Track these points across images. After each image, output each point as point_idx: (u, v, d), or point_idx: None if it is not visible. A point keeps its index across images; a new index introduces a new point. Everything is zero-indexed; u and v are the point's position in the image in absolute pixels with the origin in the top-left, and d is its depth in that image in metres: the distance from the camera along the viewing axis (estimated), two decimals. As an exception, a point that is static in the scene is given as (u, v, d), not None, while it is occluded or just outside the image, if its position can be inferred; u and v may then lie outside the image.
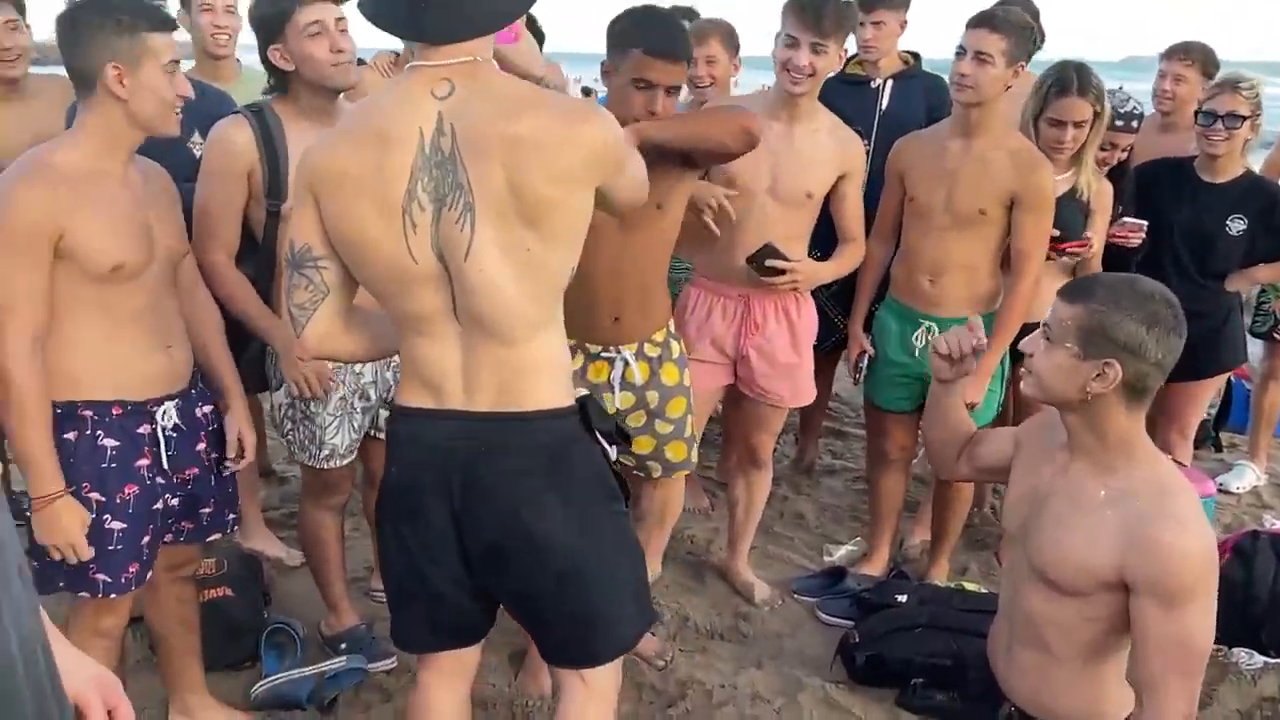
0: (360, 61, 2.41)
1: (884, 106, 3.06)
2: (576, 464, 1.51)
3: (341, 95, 2.18)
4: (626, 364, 2.20)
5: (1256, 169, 3.36)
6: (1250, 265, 3.05)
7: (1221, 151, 2.93)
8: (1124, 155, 2.87)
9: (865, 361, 2.82)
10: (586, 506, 1.52)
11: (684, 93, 3.74)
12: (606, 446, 1.54)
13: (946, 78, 2.68)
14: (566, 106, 1.46)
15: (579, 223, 1.43)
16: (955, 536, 2.96)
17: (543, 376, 1.48)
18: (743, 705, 2.41)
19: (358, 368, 2.28)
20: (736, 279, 2.53)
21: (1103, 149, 2.78)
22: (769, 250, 2.43)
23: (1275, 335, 3.54)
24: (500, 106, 1.38)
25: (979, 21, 2.46)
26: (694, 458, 2.44)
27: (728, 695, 2.46)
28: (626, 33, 2.01)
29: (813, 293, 2.66)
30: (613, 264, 2.09)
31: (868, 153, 2.83)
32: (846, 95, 2.96)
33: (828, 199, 2.56)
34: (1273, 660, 2.55)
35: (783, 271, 2.43)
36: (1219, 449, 4.07)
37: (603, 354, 2.20)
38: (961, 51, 2.47)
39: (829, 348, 3.12)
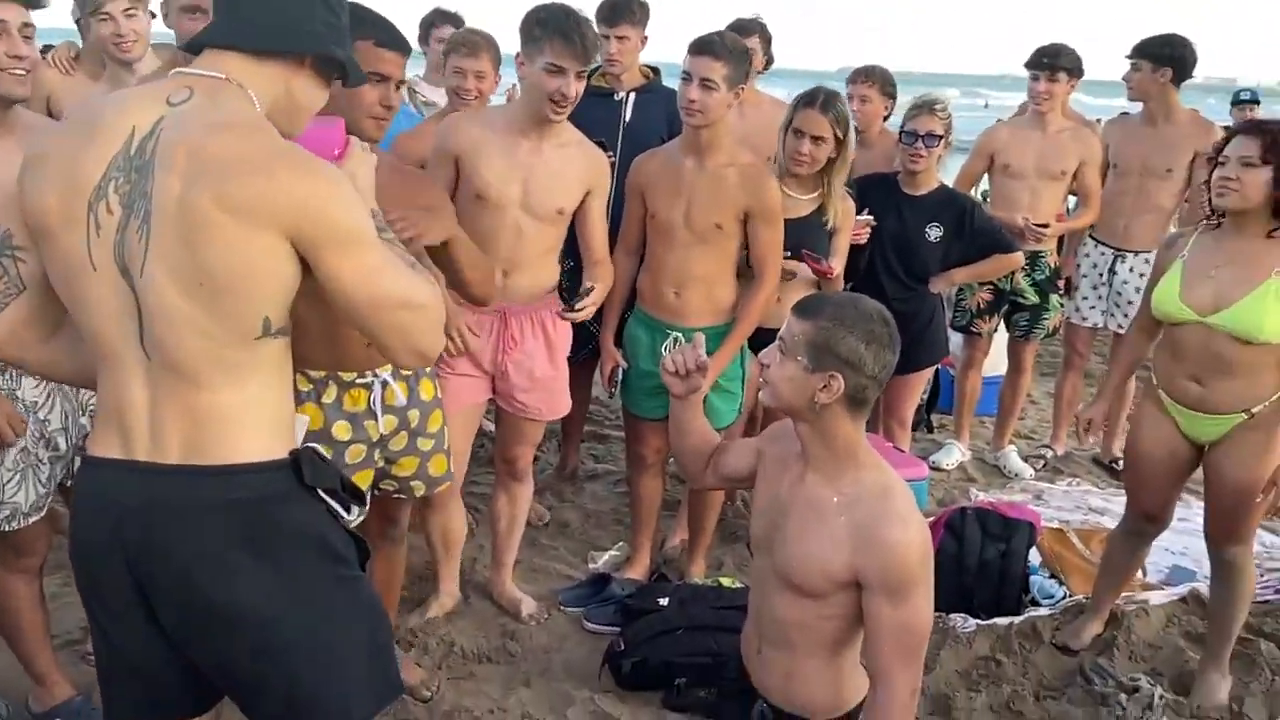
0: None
1: (627, 119, 3.15)
2: (283, 524, 1.35)
3: (19, 105, 1.91)
4: (386, 384, 2.09)
5: (952, 178, 3.79)
6: (948, 269, 3.42)
7: (921, 168, 3.28)
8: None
9: (620, 374, 2.88)
10: (298, 572, 1.36)
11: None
12: (335, 506, 1.40)
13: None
14: (288, 148, 1.30)
15: (258, 273, 1.27)
16: (710, 534, 3.10)
17: (243, 426, 1.33)
18: (512, 728, 2.38)
19: (42, 413, 2.03)
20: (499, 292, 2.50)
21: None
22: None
23: (972, 329, 4.01)
24: (211, 122, 1.28)
25: (700, 49, 2.57)
26: (452, 470, 2.38)
27: (497, 720, 2.42)
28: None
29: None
30: None
31: (613, 165, 2.89)
32: (590, 107, 2.99)
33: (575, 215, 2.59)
34: (984, 622, 2.88)
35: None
36: (930, 430, 4.56)
37: (358, 380, 2.08)
38: (687, 77, 2.57)
39: (584, 357, 3.16)
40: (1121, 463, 4.14)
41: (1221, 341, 2.35)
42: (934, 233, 3.33)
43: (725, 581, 2.95)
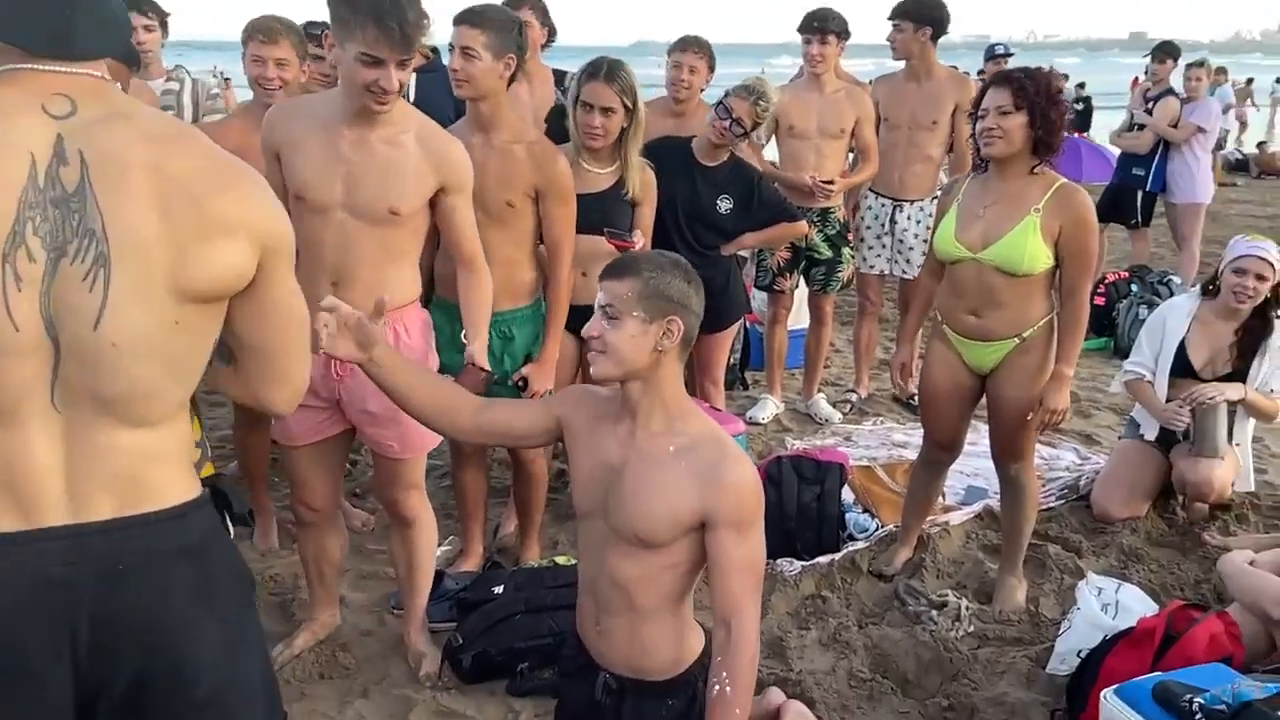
0: None
1: (410, 101, 3.03)
2: (218, 562, 1.27)
3: None
4: None
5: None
6: (738, 234, 3.53)
7: (722, 145, 3.33)
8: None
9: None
10: (234, 612, 1.28)
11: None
12: (232, 528, 1.34)
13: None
14: (228, 155, 1.24)
15: (235, 287, 1.21)
16: (539, 516, 3.08)
17: (174, 463, 1.23)
18: (354, 743, 2.29)
19: None
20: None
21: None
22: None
23: (774, 287, 4.17)
24: (149, 133, 1.14)
25: (460, 18, 2.51)
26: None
27: (336, 737, 2.32)
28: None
29: None
30: None
31: None
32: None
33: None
34: (807, 562, 3.04)
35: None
36: (746, 387, 4.73)
37: None
38: (451, 48, 2.53)
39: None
40: (917, 399, 4.49)
41: (991, 275, 2.56)
42: (724, 205, 3.41)
43: (561, 560, 2.95)
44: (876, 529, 3.23)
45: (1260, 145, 14.89)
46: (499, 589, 2.68)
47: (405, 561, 2.57)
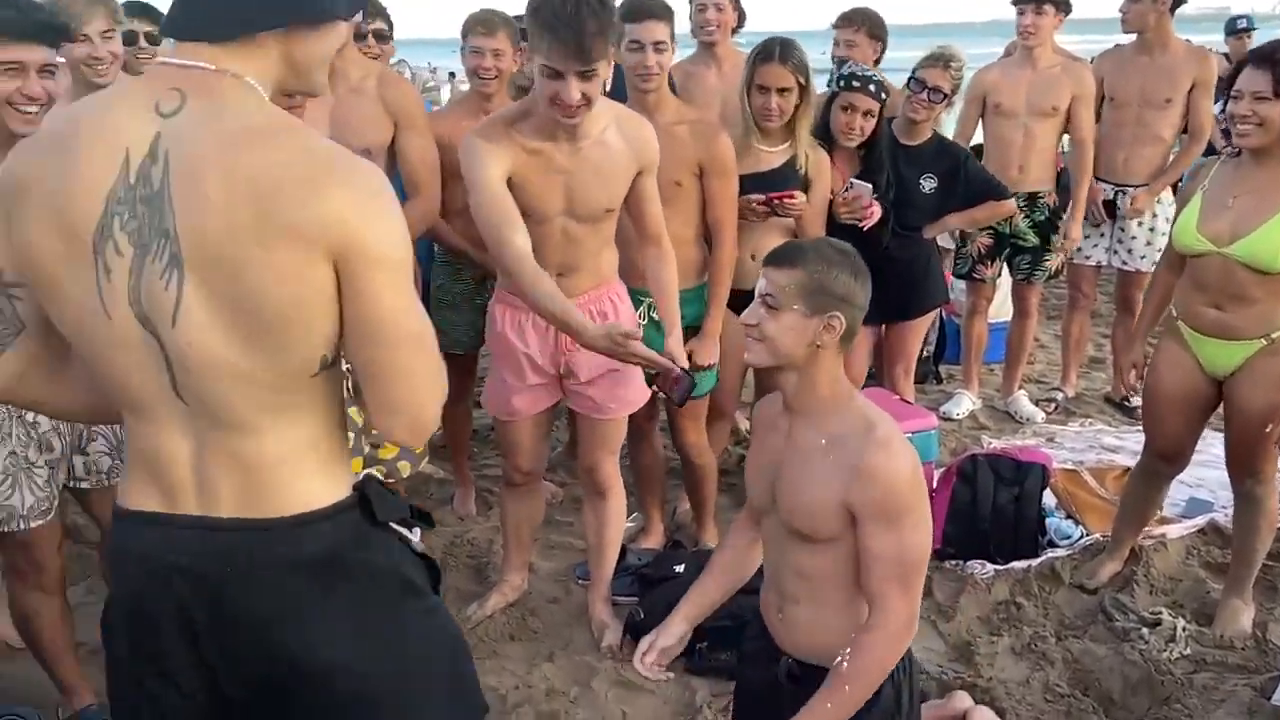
0: None
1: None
2: (362, 570, 1.24)
3: None
4: None
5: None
6: (942, 216, 3.38)
7: (922, 119, 3.22)
8: (868, 122, 2.96)
9: None
10: (382, 619, 1.26)
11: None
12: (404, 534, 1.33)
13: None
14: (328, 154, 1.12)
15: (314, 305, 1.11)
16: (713, 499, 3.09)
17: (301, 471, 1.19)
18: (538, 702, 2.40)
19: (30, 416, 2.01)
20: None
21: (844, 110, 2.94)
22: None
23: (974, 275, 3.97)
24: (231, 132, 1.09)
25: (645, 14, 2.55)
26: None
27: (522, 696, 2.44)
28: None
29: None
30: None
31: None
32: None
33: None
34: (1002, 567, 2.88)
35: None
36: (940, 381, 4.54)
37: None
38: (638, 45, 2.53)
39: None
40: (1134, 400, 4.14)
41: (1239, 271, 2.31)
42: (928, 184, 3.28)
43: (740, 544, 2.94)
44: (1081, 537, 3.02)
45: None
46: (680, 568, 2.71)
47: (596, 531, 2.68)
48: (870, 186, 2.95)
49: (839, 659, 1.60)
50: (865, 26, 3.58)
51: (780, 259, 1.63)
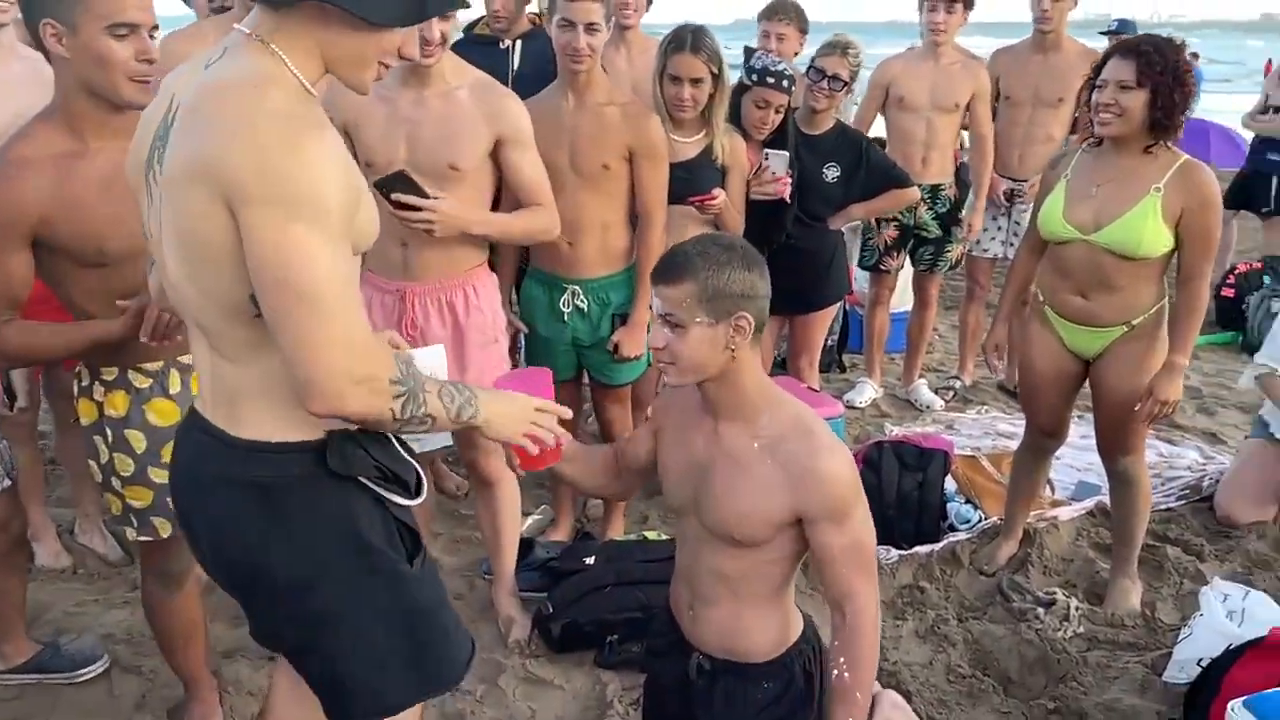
0: None
1: (515, 68, 3.03)
2: (305, 509, 1.34)
3: None
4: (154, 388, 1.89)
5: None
6: (846, 206, 3.42)
7: (823, 107, 3.24)
8: (779, 116, 2.96)
9: (520, 341, 2.78)
10: (326, 559, 1.36)
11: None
12: (383, 493, 1.37)
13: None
14: (268, 113, 1.16)
15: (231, 246, 1.17)
16: None
17: (266, 403, 1.31)
18: (443, 703, 2.31)
19: None
20: (393, 268, 2.33)
21: (758, 106, 2.93)
22: (401, 178, 2.09)
23: (880, 266, 4.03)
24: (210, 82, 1.22)
25: None
26: None
27: (426, 697, 2.35)
28: None
29: None
30: None
31: None
32: (477, 57, 2.86)
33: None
34: (906, 552, 2.93)
35: (415, 208, 2.13)
36: (843, 370, 4.61)
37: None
38: (569, 24, 2.46)
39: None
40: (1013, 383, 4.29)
41: (1104, 258, 2.40)
42: (831, 173, 3.31)
43: (651, 535, 2.92)
44: (979, 521, 3.10)
45: None
46: (590, 560, 2.66)
47: (490, 523, 2.60)
48: (786, 155, 2.95)
49: (837, 672, 1.58)
50: (794, 19, 3.58)
51: (668, 274, 1.55)
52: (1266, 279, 5.15)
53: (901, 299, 4.42)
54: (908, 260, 4.11)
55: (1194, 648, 2.31)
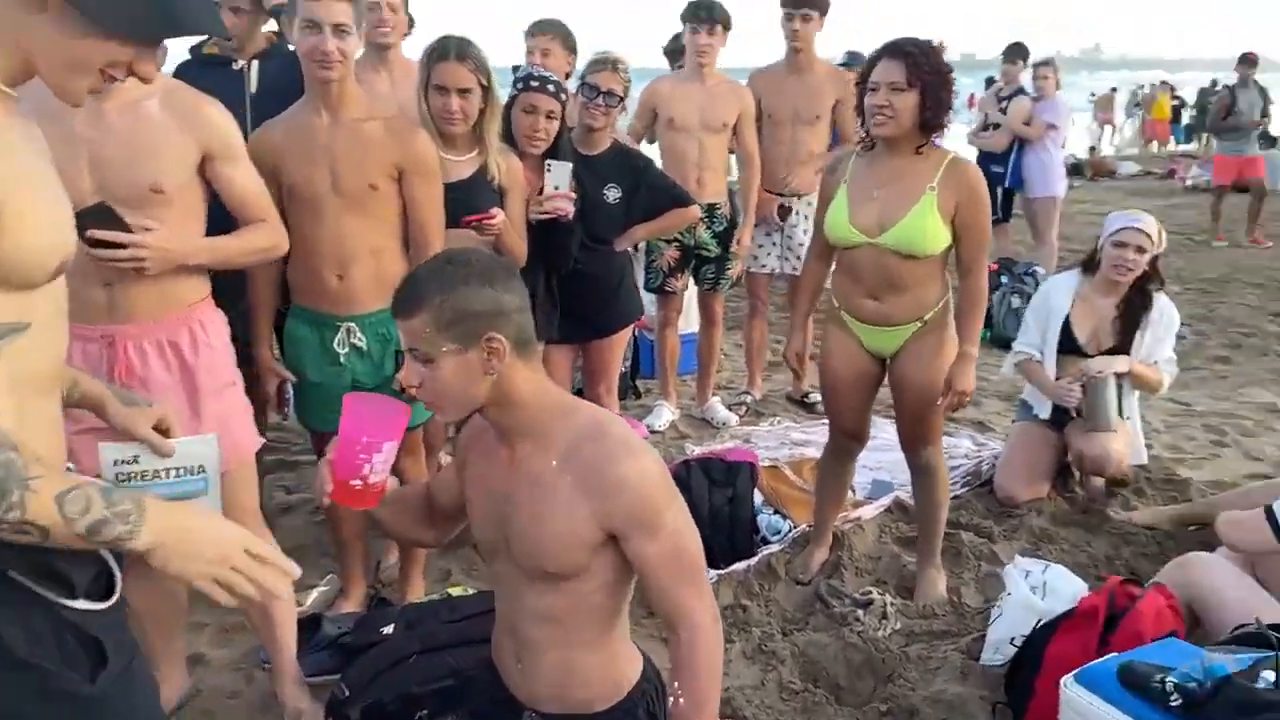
0: None
1: (252, 90, 2.71)
2: None
3: None
4: None
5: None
6: (628, 227, 3.35)
7: (600, 125, 3.16)
8: (550, 124, 2.79)
9: (289, 391, 2.46)
10: None
11: None
12: (44, 594, 1.10)
13: None
14: None
15: None
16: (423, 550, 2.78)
17: None
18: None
19: None
20: (96, 310, 1.93)
21: (526, 113, 2.77)
22: (97, 211, 1.76)
23: (665, 288, 4.00)
24: None
25: None
26: None
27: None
28: None
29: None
30: None
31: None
32: (208, 79, 2.53)
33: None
34: (723, 571, 2.85)
35: (119, 245, 1.80)
36: (638, 396, 4.54)
37: None
38: (314, 25, 2.20)
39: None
40: (812, 395, 4.41)
41: (890, 259, 2.45)
42: (612, 194, 3.23)
43: (455, 591, 2.65)
44: (790, 530, 3.09)
45: (1091, 150, 15.94)
46: (388, 629, 2.35)
47: (257, 606, 2.21)
48: (569, 165, 2.80)
49: (673, 699, 1.41)
50: (560, 36, 3.48)
51: (402, 305, 1.40)
52: (1004, 279, 5.64)
53: (686, 320, 4.43)
54: (691, 280, 4.11)
55: (1005, 627, 2.37)
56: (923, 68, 2.32)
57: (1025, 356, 3.43)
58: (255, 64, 2.76)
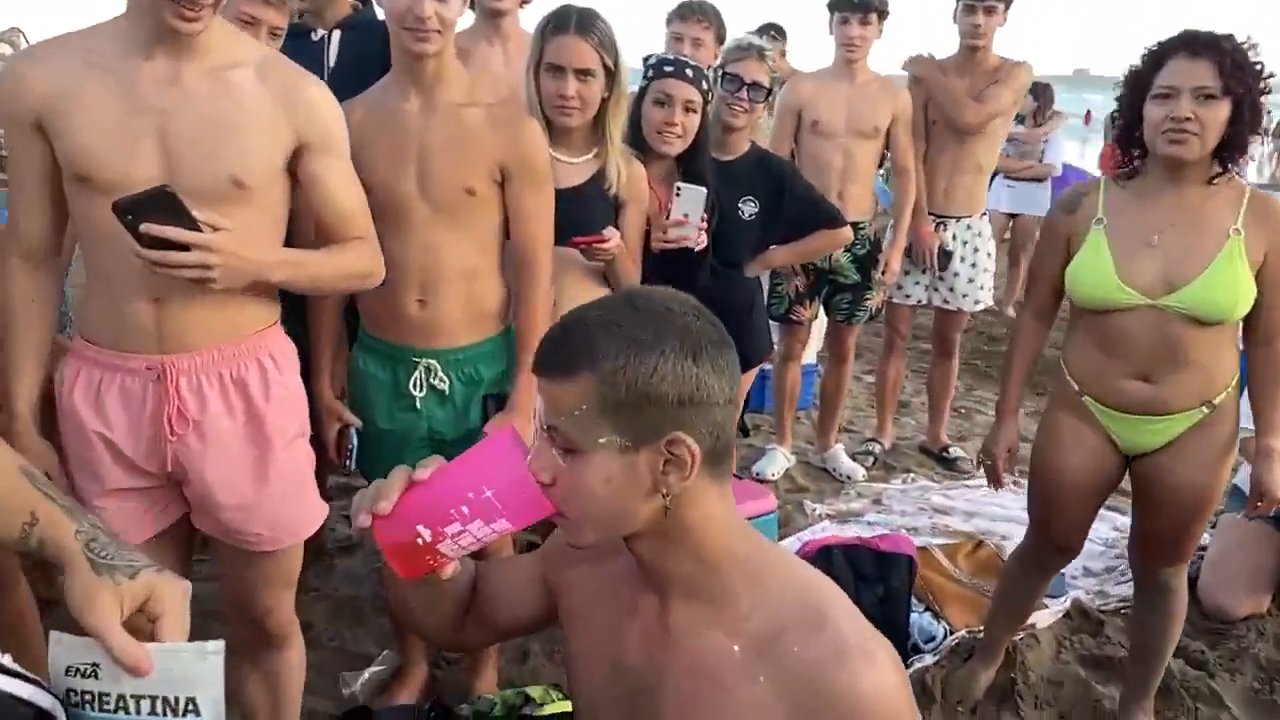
0: None
1: (331, 64, 2.26)
2: None
3: None
4: None
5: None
6: (765, 247, 2.81)
7: (742, 124, 2.62)
8: (690, 119, 2.29)
9: (352, 438, 1.98)
10: None
11: None
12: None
13: None
14: None
15: None
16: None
17: None
18: None
19: None
20: (140, 334, 1.49)
21: (658, 104, 2.27)
22: (158, 199, 1.32)
23: (791, 317, 3.44)
24: None
25: None
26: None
27: None
28: None
29: None
30: None
31: None
32: (287, 51, 2.09)
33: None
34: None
35: (181, 246, 1.35)
36: (746, 434, 3.98)
37: None
38: None
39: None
40: (954, 450, 3.80)
41: (1177, 327, 1.82)
42: (748, 208, 2.69)
43: (535, 693, 2.14)
44: (945, 635, 2.49)
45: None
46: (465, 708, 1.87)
47: (269, 708, 1.78)
48: (704, 192, 2.27)
49: None
50: (713, 22, 2.96)
51: (553, 361, 0.92)
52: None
53: (808, 350, 3.86)
54: (821, 309, 3.54)
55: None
56: (1241, 69, 1.71)
57: (1250, 434, 2.76)
58: (336, 35, 2.30)
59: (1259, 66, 1.74)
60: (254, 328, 1.56)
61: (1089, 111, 20.65)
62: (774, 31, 3.52)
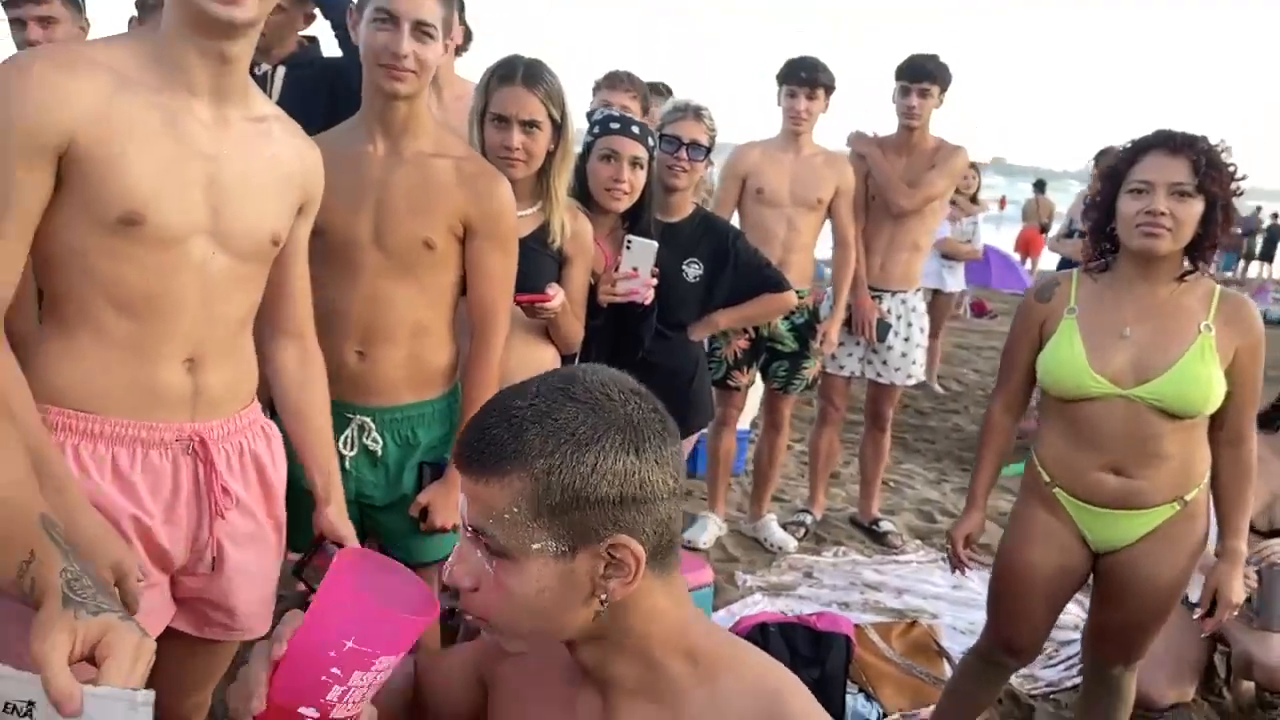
0: None
1: (274, 98, 2.17)
2: None
3: None
4: None
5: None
6: (710, 311, 2.78)
7: (683, 185, 2.60)
8: (636, 175, 2.26)
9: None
10: None
11: None
12: None
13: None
14: None
15: None
16: None
17: None
18: None
19: None
20: (173, 400, 1.31)
21: (605, 159, 2.24)
22: None
23: (728, 382, 3.40)
24: None
25: None
26: None
27: None
28: None
29: None
30: None
31: None
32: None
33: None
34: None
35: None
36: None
37: None
38: (387, 17, 1.65)
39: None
40: (884, 524, 3.78)
41: (1150, 418, 1.82)
42: (692, 270, 2.66)
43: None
44: (879, 718, 2.43)
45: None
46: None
47: None
48: (654, 245, 2.22)
49: None
50: (638, 90, 2.95)
51: (479, 457, 0.83)
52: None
53: (743, 417, 3.83)
54: (759, 376, 3.53)
55: None
56: (1215, 169, 1.74)
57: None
58: (281, 70, 2.22)
59: (1232, 169, 1.78)
60: (252, 391, 1.44)
61: (1004, 197, 21.69)
62: (663, 88, 3.52)
